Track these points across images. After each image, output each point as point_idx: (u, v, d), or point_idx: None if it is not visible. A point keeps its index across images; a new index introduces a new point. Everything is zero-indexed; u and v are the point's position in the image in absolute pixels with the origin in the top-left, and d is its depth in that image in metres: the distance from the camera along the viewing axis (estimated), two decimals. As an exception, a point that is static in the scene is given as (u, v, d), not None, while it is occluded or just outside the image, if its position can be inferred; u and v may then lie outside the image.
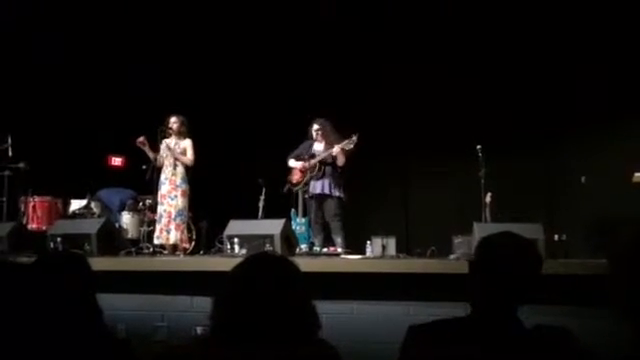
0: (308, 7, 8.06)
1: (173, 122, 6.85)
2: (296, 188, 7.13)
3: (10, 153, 7.23)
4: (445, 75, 7.83)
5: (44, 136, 8.00)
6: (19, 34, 7.99)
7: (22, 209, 7.51)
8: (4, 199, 7.24)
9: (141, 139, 6.69)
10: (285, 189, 7.16)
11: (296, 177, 7.06)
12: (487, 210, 6.26)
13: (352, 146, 6.69)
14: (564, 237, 6.48)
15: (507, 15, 7.62)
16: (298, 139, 7.21)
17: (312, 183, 6.92)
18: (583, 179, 6.93)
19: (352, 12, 8.07)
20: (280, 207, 7.18)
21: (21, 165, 7.29)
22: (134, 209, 7.81)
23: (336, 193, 6.83)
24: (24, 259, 4.73)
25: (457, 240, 5.76)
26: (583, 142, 7.53)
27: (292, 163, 7.10)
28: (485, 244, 1.99)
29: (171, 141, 6.82)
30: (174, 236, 6.64)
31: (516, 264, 1.89)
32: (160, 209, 6.72)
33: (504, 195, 6.63)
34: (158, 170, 6.79)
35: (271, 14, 8.22)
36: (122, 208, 7.93)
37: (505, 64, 7.69)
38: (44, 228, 7.13)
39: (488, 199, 6.28)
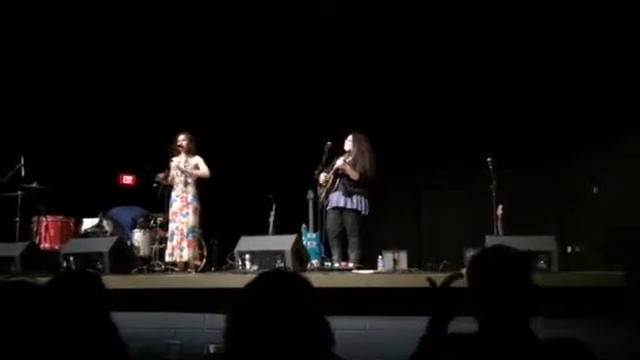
0: (314, 21, 8.10)
1: (182, 140, 6.88)
2: (319, 202, 7.09)
3: (23, 173, 7.29)
4: (455, 89, 7.84)
5: (56, 156, 8.06)
6: (26, 52, 8.07)
7: (35, 229, 7.56)
8: (17, 219, 7.26)
9: (161, 176, 6.77)
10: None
11: (320, 191, 7.05)
12: (499, 223, 6.24)
13: (351, 158, 6.74)
14: (577, 249, 6.42)
15: (513, 27, 7.62)
16: (308, 154, 7.22)
17: (330, 196, 6.89)
18: (595, 190, 6.88)
19: (362, 27, 8.10)
20: (291, 222, 7.18)
21: (34, 185, 7.36)
22: (145, 227, 7.83)
23: (352, 206, 6.74)
24: (38, 279, 4.75)
25: (469, 253, 5.73)
26: (594, 152, 7.48)
27: (321, 177, 6.98)
28: (476, 261, 1.99)
29: (180, 159, 6.85)
30: (187, 253, 6.65)
31: (507, 278, 1.88)
32: (172, 227, 6.73)
33: (516, 207, 6.60)
34: (169, 188, 6.82)
35: (281, 31, 8.27)
36: (134, 226, 7.96)
37: (514, 76, 7.68)
38: (57, 247, 7.18)
39: (499, 211, 6.26)
